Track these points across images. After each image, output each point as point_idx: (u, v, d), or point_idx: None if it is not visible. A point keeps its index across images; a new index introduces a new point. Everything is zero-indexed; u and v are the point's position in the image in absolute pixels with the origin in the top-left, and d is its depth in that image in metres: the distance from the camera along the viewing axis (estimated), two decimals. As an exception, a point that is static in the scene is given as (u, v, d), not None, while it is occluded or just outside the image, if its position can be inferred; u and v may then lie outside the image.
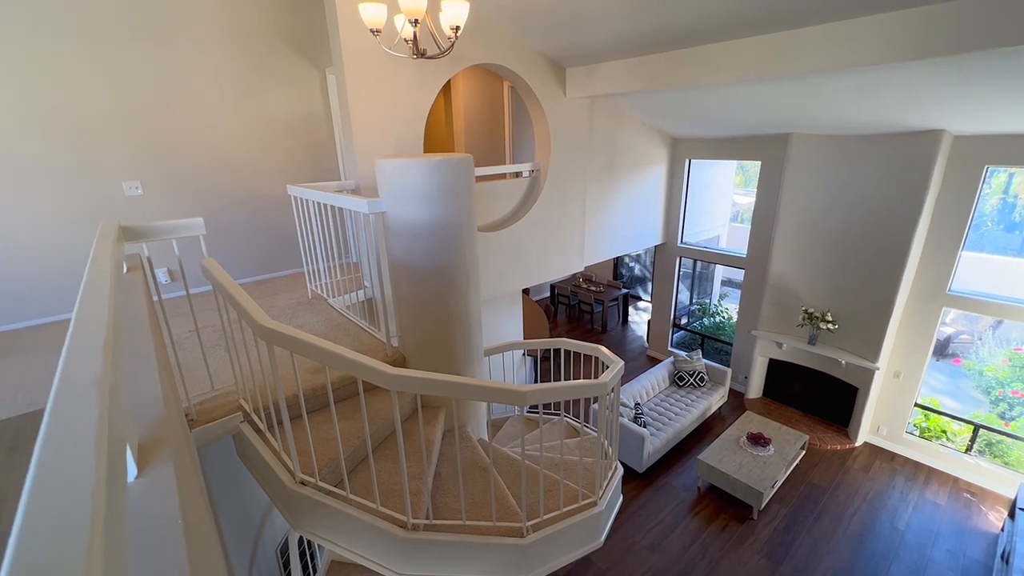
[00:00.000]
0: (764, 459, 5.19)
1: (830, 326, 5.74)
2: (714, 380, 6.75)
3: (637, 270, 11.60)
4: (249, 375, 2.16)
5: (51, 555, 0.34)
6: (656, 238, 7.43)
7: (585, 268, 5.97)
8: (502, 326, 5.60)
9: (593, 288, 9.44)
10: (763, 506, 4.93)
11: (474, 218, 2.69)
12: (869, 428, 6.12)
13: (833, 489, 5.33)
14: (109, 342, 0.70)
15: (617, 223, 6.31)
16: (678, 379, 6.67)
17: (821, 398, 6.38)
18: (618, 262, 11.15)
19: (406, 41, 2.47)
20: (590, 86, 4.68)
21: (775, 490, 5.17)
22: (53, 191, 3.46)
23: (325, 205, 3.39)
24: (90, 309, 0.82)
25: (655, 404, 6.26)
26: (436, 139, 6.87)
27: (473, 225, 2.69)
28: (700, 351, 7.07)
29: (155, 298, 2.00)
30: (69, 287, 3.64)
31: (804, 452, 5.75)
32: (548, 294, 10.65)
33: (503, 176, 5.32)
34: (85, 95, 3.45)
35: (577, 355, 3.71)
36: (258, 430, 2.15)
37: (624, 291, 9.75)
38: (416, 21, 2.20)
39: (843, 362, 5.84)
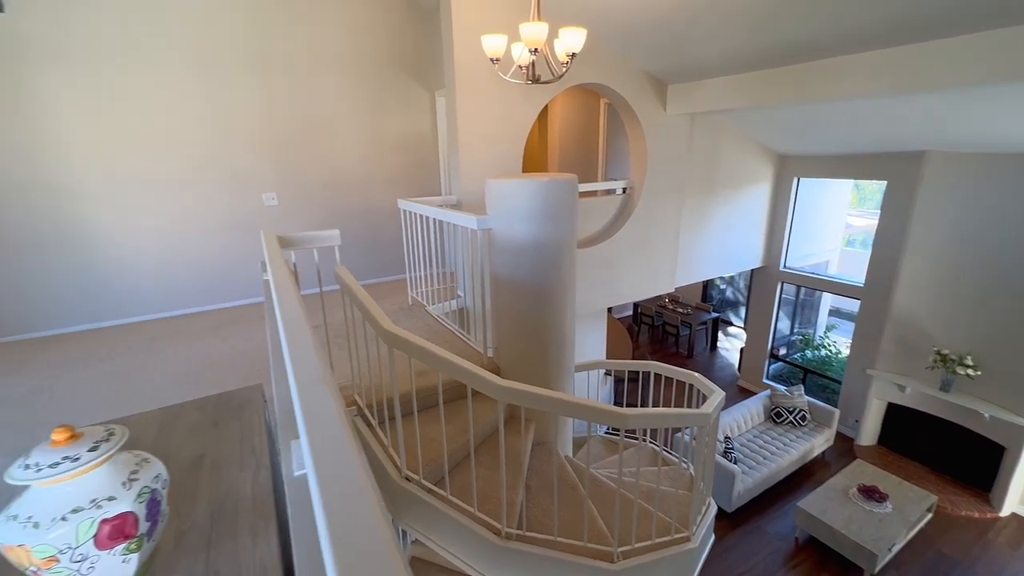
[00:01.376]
0: (879, 516, 4.57)
1: (970, 371, 4.95)
2: (818, 420, 6.11)
3: (729, 293, 10.90)
4: (365, 372, 2.36)
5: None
6: (755, 261, 6.95)
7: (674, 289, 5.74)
8: (585, 343, 5.55)
9: (680, 310, 9.02)
10: (877, 570, 4.34)
11: (575, 237, 2.73)
12: (1020, 496, 5.15)
13: (970, 564, 4.55)
14: (315, 342, 0.83)
15: (713, 244, 6.00)
16: (775, 415, 6.13)
17: (955, 455, 5.50)
18: (708, 284, 10.56)
19: (521, 68, 2.60)
20: (693, 103, 4.54)
21: (893, 554, 4.53)
22: (212, 201, 4.08)
23: (430, 218, 3.63)
24: (290, 311, 0.97)
25: (748, 439, 5.81)
26: (530, 156, 7.05)
27: (574, 244, 2.73)
28: (802, 387, 6.45)
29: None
30: (224, 279, 4.26)
31: (931, 515, 4.98)
32: (631, 313, 10.37)
33: (594, 193, 5.32)
34: (238, 122, 4.04)
35: (667, 380, 3.58)
36: (369, 424, 2.33)
37: (714, 315, 9.21)
38: (535, 50, 2.31)
39: (986, 415, 4.99)
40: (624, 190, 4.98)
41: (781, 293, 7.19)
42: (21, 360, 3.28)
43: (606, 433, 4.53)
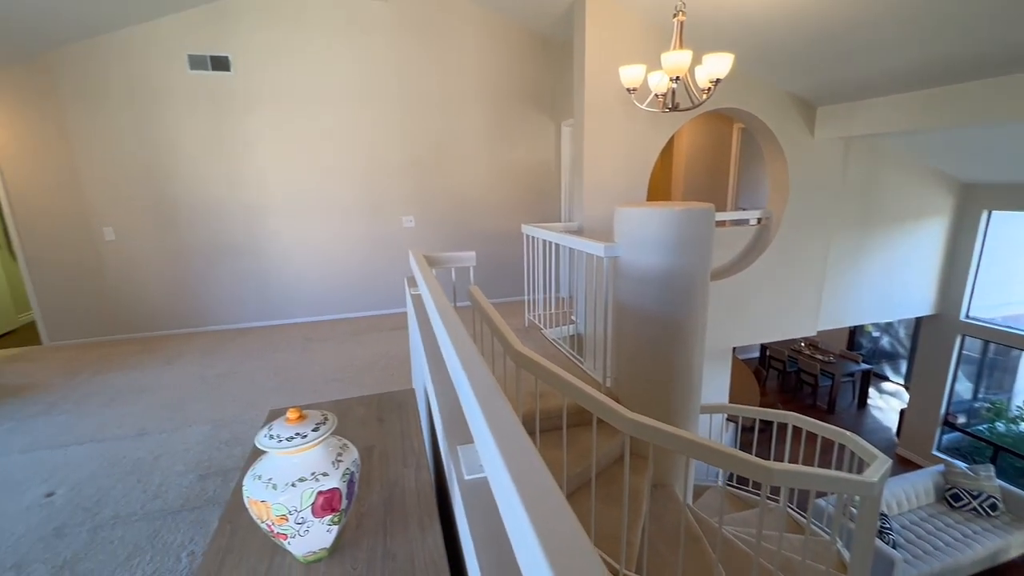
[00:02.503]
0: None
1: None
2: (1015, 513, 4.84)
3: (885, 343, 9.29)
4: (489, 389, 2.47)
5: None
6: (923, 307, 5.86)
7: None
8: (706, 384, 5.13)
9: (820, 357, 7.92)
10: None
11: (708, 270, 2.58)
12: None
13: None
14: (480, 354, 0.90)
15: (868, 285, 5.22)
16: (951, 497, 5.00)
17: None
18: (856, 331, 9.13)
19: (658, 96, 2.58)
20: (849, 125, 4.07)
21: None
22: (360, 221, 4.67)
23: (551, 243, 3.72)
24: (454, 327, 1.07)
25: (912, 522, 4.81)
26: (653, 183, 6.89)
27: (706, 277, 2.58)
28: (992, 467, 5.18)
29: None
30: (365, 290, 4.82)
31: None
32: (757, 355, 9.37)
33: (723, 223, 4.99)
34: (385, 152, 4.60)
35: (809, 437, 3.15)
36: (489, 440, 2.41)
37: (864, 366, 7.90)
38: (677, 78, 2.29)
39: None
40: (759, 221, 4.59)
41: (962, 348, 5.94)
42: (215, 347, 4.04)
43: (732, 485, 4.10)
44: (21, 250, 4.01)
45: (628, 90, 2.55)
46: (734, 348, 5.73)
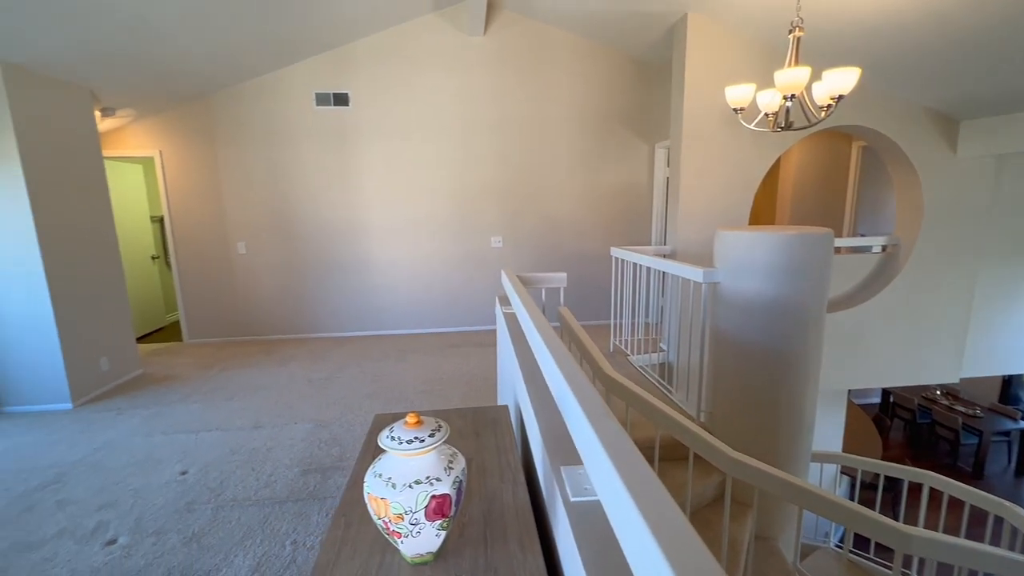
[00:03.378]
0: None
1: None
2: None
3: (1049, 398, 7.65)
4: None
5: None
6: (1110, 358, 4.76)
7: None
8: (816, 428, 4.58)
9: (963, 409, 6.72)
10: None
11: (825, 301, 2.33)
12: None
13: None
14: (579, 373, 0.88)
15: (1030, 326, 4.37)
16: None
17: None
18: (1013, 380, 7.65)
19: (768, 116, 2.43)
20: (1005, 141, 3.51)
21: None
22: (452, 241, 4.90)
23: (640, 267, 3.60)
24: (555, 347, 1.06)
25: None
26: (755, 207, 6.45)
27: (822, 308, 2.33)
28: None
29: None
30: (454, 307, 5.02)
31: None
32: (878, 400, 8.19)
33: (838, 250, 4.50)
34: (477, 175, 4.80)
35: (952, 503, 2.67)
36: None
37: None
38: (792, 96, 2.14)
39: None
40: (883, 248, 4.08)
41: None
42: (321, 353, 4.41)
43: (847, 549, 3.57)
44: (175, 260, 4.75)
45: (734, 110, 2.43)
46: (849, 391, 5.08)
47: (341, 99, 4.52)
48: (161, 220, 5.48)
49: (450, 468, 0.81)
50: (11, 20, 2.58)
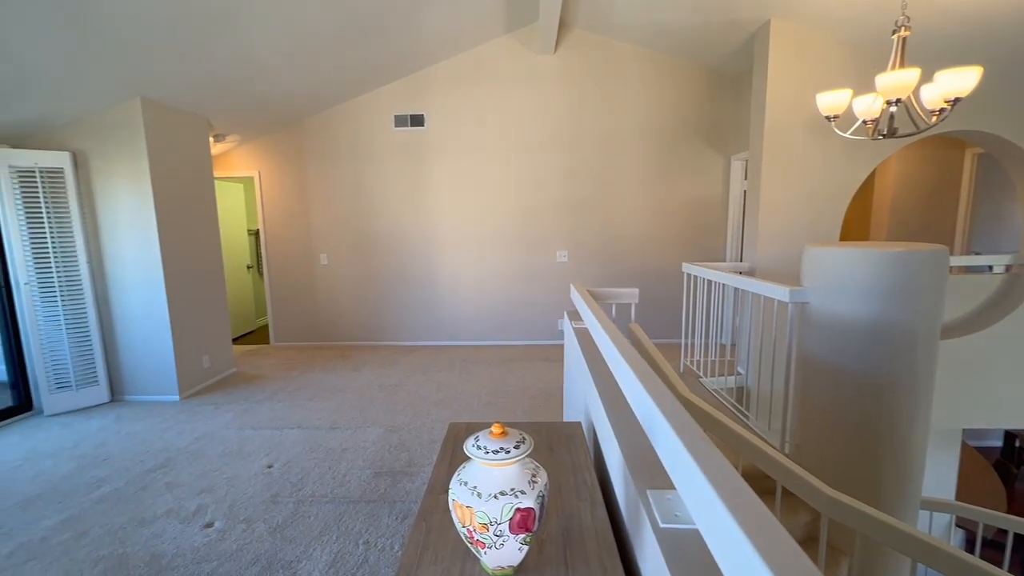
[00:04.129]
0: None
1: None
2: None
3: None
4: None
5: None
6: None
7: (1110, 426, 3.65)
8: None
9: (1108, 460, 5.65)
10: None
11: (937, 326, 2.08)
12: None
13: None
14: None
15: None
16: None
17: None
18: None
19: (866, 123, 2.24)
20: None
21: None
22: (516, 256, 4.95)
23: (715, 284, 3.43)
24: (638, 365, 1.03)
25: None
26: (846, 221, 5.96)
27: (934, 335, 2.07)
28: None
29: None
30: (516, 320, 5.05)
31: None
32: (1000, 443, 7.09)
33: (949, 270, 4.01)
34: (543, 188, 4.83)
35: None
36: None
37: None
38: (897, 100, 1.95)
39: None
40: (1007, 268, 3.58)
41: None
42: (391, 360, 4.61)
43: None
44: (267, 270, 5.20)
45: (827, 118, 2.26)
46: (964, 430, 4.47)
47: (417, 120, 4.77)
48: (256, 233, 6.05)
49: (533, 482, 0.80)
50: (152, 62, 3.01)
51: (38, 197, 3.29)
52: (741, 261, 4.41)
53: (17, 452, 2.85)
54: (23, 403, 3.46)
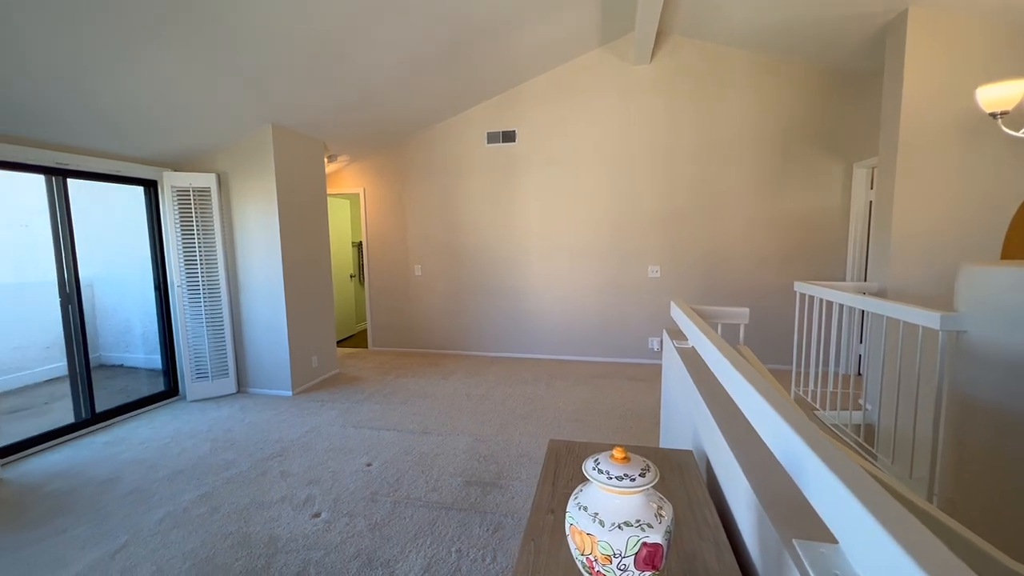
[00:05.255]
0: None
1: None
2: None
3: None
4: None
5: None
6: None
7: None
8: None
9: None
10: None
11: None
12: None
13: None
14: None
15: None
16: None
17: None
18: None
19: (1047, 116, 1.86)
20: None
21: None
22: (606, 270, 4.83)
23: (833, 305, 3.05)
24: (770, 394, 0.92)
25: None
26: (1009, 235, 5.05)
27: None
28: None
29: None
30: (604, 337, 4.92)
31: None
32: None
33: None
34: (636, 202, 4.67)
35: None
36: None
37: None
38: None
39: None
40: None
41: None
42: (477, 370, 4.70)
43: None
44: (367, 279, 5.60)
45: (992, 115, 1.93)
46: None
47: (509, 136, 4.90)
48: (359, 245, 6.57)
49: (660, 516, 0.74)
50: (281, 94, 3.41)
51: (191, 212, 3.85)
52: (866, 281, 3.91)
53: (167, 431, 3.32)
54: (171, 389, 4.03)
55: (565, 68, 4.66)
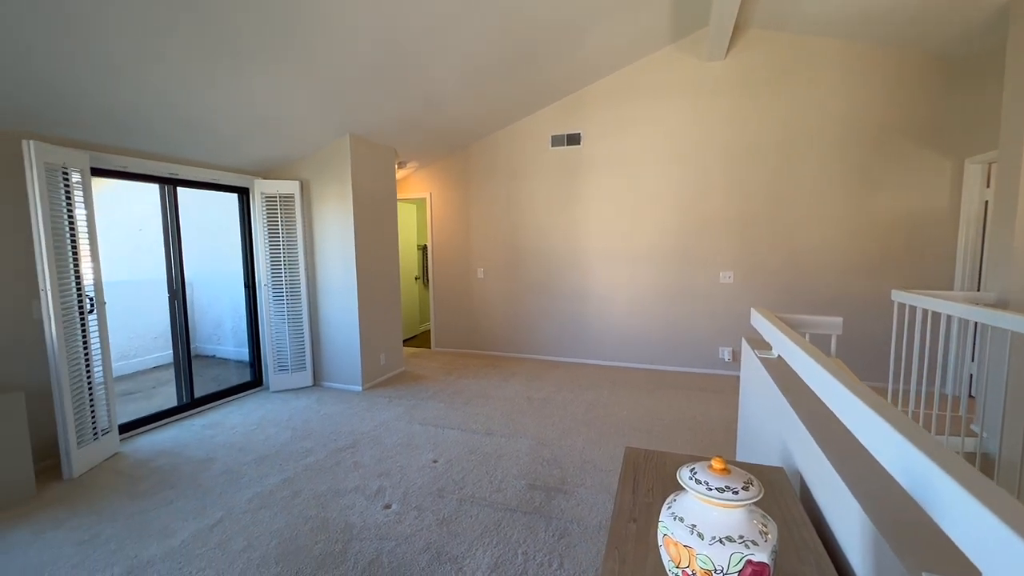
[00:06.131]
0: None
1: None
2: None
3: None
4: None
5: None
6: None
7: None
8: None
9: None
10: None
11: None
12: None
13: None
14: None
15: None
16: None
17: None
18: None
19: None
20: None
21: None
22: (672, 274, 4.64)
23: (941, 317, 2.72)
24: (888, 411, 0.83)
25: None
26: None
27: None
28: None
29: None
30: (670, 345, 4.74)
31: None
32: None
33: None
34: (707, 204, 4.45)
35: None
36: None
37: None
38: None
39: None
40: None
41: None
42: (538, 373, 4.69)
43: None
44: (432, 281, 5.77)
45: None
46: None
47: (573, 139, 4.87)
48: (424, 248, 6.80)
49: (765, 534, 0.69)
50: (358, 106, 3.61)
51: (276, 217, 4.17)
52: (979, 290, 3.48)
53: (253, 418, 3.60)
54: (256, 380, 4.37)
55: (632, 68, 4.56)
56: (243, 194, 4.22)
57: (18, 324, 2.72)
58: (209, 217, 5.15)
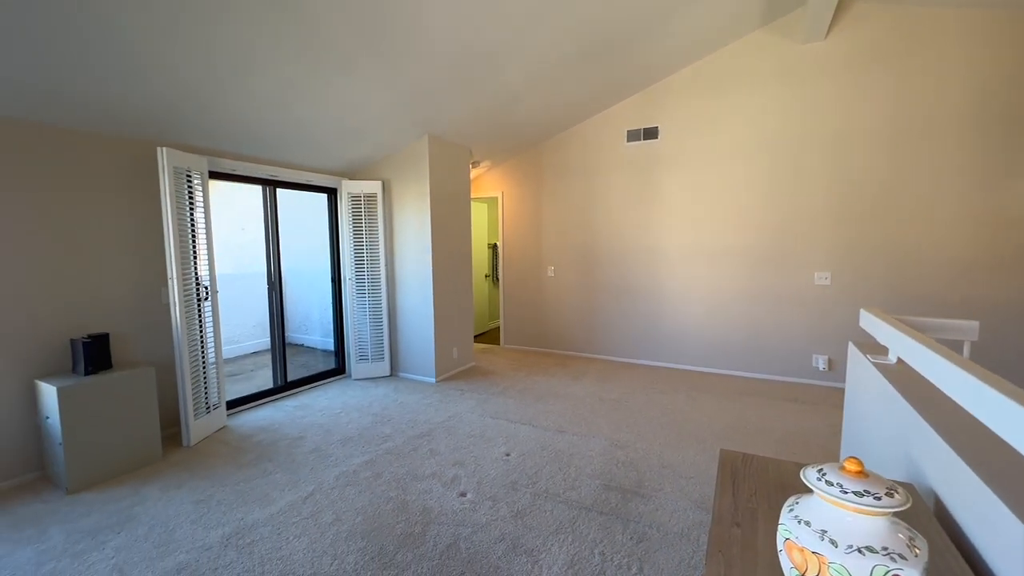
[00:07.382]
0: None
1: None
2: None
3: None
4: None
5: None
6: None
7: None
8: None
9: None
10: None
11: None
12: None
13: None
14: None
15: None
16: None
17: None
18: None
19: None
20: None
21: None
22: (759, 275, 4.32)
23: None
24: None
25: None
26: None
27: None
28: None
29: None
30: (757, 350, 4.42)
31: None
32: None
33: None
34: (800, 198, 4.08)
35: None
36: None
37: None
38: None
39: None
40: None
41: None
42: (609, 374, 4.58)
43: None
44: (502, 279, 5.84)
45: None
46: None
47: (651, 133, 4.69)
48: (494, 246, 6.90)
49: (914, 548, 0.60)
50: (436, 106, 3.74)
51: (361, 215, 4.43)
52: None
53: (338, 402, 3.85)
54: (339, 367, 4.67)
55: (714, 56, 4.31)
56: (331, 194, 4.53)
57: (148, 308, 3.12)
58: (300, 216, 5.59)
